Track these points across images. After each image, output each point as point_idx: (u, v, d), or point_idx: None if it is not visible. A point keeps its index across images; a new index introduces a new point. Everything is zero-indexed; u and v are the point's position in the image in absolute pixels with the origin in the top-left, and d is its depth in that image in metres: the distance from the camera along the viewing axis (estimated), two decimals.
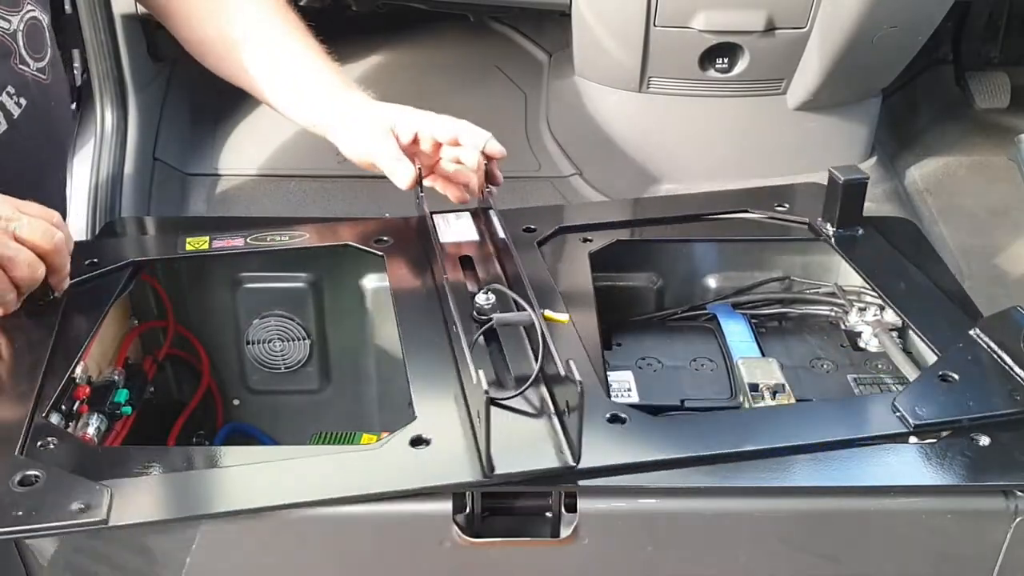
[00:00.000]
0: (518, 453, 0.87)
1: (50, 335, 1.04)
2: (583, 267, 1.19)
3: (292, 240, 1.21)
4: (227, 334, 1.30)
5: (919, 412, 0.93)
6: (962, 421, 0.93)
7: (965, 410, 0.94)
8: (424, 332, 1.05)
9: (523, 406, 0.93)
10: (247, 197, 1.90)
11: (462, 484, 0.86)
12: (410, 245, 1.20)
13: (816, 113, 1.87)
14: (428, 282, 1.14)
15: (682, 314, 1.28)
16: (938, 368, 1.00)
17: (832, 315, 1.24)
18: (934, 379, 0.98)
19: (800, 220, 1.27)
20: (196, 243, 1.20)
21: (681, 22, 1.69)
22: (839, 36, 1.67)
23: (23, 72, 1.17)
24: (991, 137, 2.10)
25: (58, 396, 0.98)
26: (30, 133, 1.20)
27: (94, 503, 0.83)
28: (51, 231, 1.03)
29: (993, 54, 2.16)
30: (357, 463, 0.90)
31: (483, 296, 1.07)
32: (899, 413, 0.94)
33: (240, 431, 1.35)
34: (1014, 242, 1.89)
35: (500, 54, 2.17)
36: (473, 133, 1.23)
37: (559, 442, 0.89)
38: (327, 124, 1.27)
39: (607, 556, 0.90)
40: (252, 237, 1.21)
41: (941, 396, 0.96)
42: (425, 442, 0.89)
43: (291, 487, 0.86)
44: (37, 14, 1.20)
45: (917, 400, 0.95)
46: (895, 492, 0.88)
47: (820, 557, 0.91)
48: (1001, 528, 0.89)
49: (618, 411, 0.93)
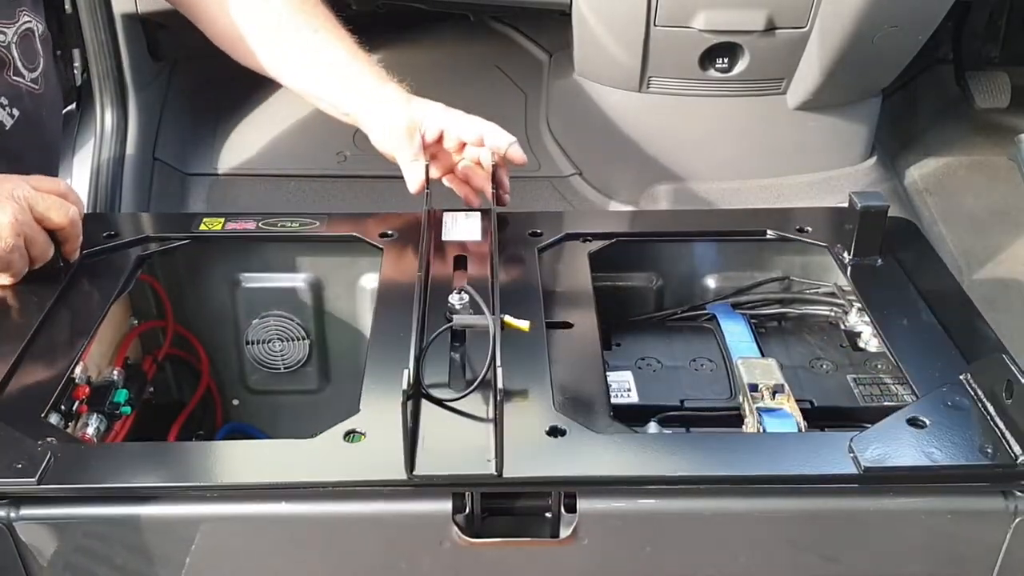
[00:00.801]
0: (446, 455, 0.88)
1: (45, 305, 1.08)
2: (583, 267, 1.19)
3: (303, 228, 1.23)
4: (226, 334, 1.30)
5: (873, 456, 0.88)
6: (918, 470, 0.88)
7: (923, 459, 0.88)
8: (393, 328, 1.05)
9: (469, 410, 0.93)
10: (247, 197, 1.90)
11: (385, 481, 0.86)
12: (412, 241, 1.21)
13: (816, 113, 1.86)
14: (414, 278, 1.13)
15: (682, 314, 1.28)
16: (911, 411, 0.94)
17: (832, 315, 1.24)
18: (902, 422, 0.92)
19: (820, 244, 1.23)
20: (211, 223, 1.24)
21: (681, 22, 1.69)
22: (839, 36, 1.67)
23: (17, 83, 1.18)
24: (991, 137, 2.10)
25: (57, 396, 0.98)
26: (22, 143, 1.21)
27: (33, 462, 0.85)
28: (65, 207, 1.09)
29: (993, 54, 2.15)
30: (291, 452, 0.91)
31: (456, 296, 1.08)
32: (852, 454, 0.88)
33: (239, 431, 1.35)
34: (1014, 242, 1.89)
35: (500, 54, 2.17)
36: (497, 136, 1.24)
37: (490, 449, 0.87)
38: (359, 116, 1.29)
39: (607, 556, 0.90)
40: (264, 222, 1.24)
41: (904, 441, 0.90)
42: (360, 435, 0.90)
43: (214, 469, 0.88)
44: (32, 24, 1.20)
45: (876, 443, 0.89)
46: (894, 492, 0.88)
47: (820, 557, 0.91)
48: (1000, 528, 0.89)
49: (559, 423, 0.92)
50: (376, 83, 1.29)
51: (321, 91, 1.32)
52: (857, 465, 0.88)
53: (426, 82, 2.10)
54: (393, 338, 1.04)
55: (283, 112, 1.94)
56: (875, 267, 1.19)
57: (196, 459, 0.92)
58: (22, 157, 1.23)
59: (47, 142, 1.32)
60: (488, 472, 0.86)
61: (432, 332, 1.01)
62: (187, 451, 0.97)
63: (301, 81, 1.33)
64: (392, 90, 1.29)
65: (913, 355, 1.04)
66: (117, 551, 0.89)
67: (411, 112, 1.26)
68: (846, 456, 0.89)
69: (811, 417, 1.04)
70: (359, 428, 0.91)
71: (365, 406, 0.94)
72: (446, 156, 1.28)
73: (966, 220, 1.95)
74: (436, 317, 1.06)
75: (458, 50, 2.20)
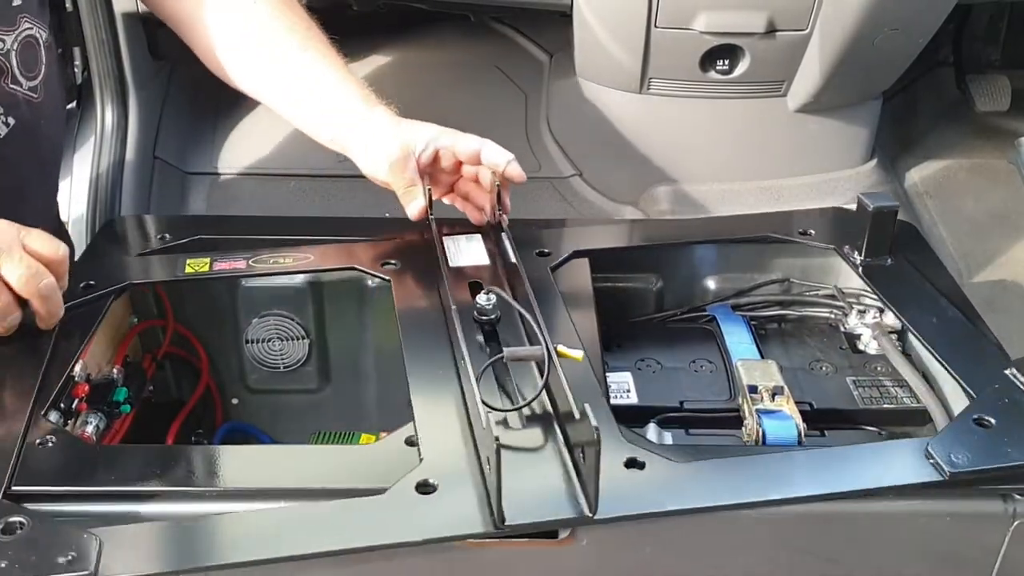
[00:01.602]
0: (530, 501, 0.84)
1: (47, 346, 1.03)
2: (583, 268, 1.19)
3: (296, 263, 1.18)
4: (226, 333, 1.30)
5: (955, 460, 0.89)
6: (1001, 470, 0.89)
7: (1003, 458, 0.89)
8: (431, 363, 1.01)
9: (532, 444, 0.90)
10: (247, 195, 1.90)
11: (472, 535, 0.83)
12: (418, 269, 1.17)
13: (817, 115, 1.87)
14: (435, 310, 1.10)
15: (681, 316, 1.28)
16: (973, 411, 0.95)
17: (832, 317, 1.24)
18: (969, 423, 0.94)
19: (826, 246, 1.23)
20: (196, 265, 1.17)
21: (682, 23, 1.69)
22: (840, 38, 1.67)
23: (14, 91, 1.15)
24: (992, 140, 2.10)
25: (57, 394, 0.98)
26: (17, 152, 1.17)
27: (82, 553, 0.79)
28: (40, 274, 1.01)
29: (994, 57, 2.16)
30: (364, 510, 0.86)
31: (484, 297, 1.05)
32: (933, 460, 0.89)
33: (239, 430, 1.35)
34: (1014, 245, 1.89)
35: (500, 54, 2.17)
36: (494, 153, 1.19)
37: (573, 490, 0.85)
38: (346, 144, 1.24)
39: (606, 557, 0.90)
40: (254, 259, 1.18)
41: (977, 442, 0.91)
42: (432, 488, 0.86)
43: (291, 538, 0.83)
44: (34, 31, 1.17)
45: (952, 447, 0.90)
46: (893, 494, 0.88)
47: (819, 559, 0.91)
48: (999, 531, 0.89)
49: (636, 455, 0.89)
50: (364, 108, 1.23)
51: (304, 119, 1.27)
52: (940, 471, 0.88)
53: (426, 82, 2.11)
54: (433, 375, 0.99)
55: None
56: (887, 266, 1.19)
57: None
58: (18, 166, 1.20)
59: (45, 152, 1.28)
60: (582, 515, 0.83)
61: (472, 364, 0.96)
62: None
63: (286, 110, 1.28)
64: (381, 114, 1.23)
65: (955, 352, 1.05)
66: None
67: (403, 136, 1.20)
68: (925, 463, 0.89)
69: (810, 419, 1.04)
70: (431, 479, 0.86)
71: (426, 455, 0.89)
72: (445, 176, 1.24)
73: (966, 223, 1.95)
74: (471, 348, 1.00)
75: (458, 50, 2.20)
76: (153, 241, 1.27)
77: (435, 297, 1.13)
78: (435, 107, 1.26)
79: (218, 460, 0.92)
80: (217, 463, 0.92)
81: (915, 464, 0.89)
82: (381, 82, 2.08)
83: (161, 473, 0.89)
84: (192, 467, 0.91)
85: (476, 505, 0.84)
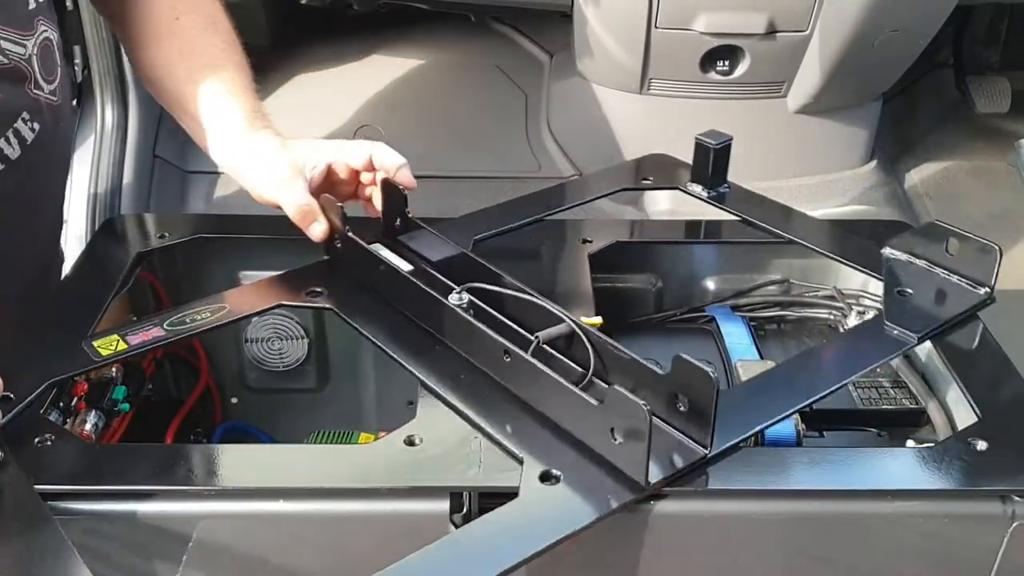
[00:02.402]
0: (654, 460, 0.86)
1: None
2: (582, 268, 1.19)
3: (214, 316, 1.08)
4: (226, 332, 1.30)
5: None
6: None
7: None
8: (446, 370, 1.00)
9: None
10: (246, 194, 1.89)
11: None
12: (352, 287, 1.12)
13: (817, 116, 1.87)
14: (403, 319, 1.07)
15: (681, 316, 1.28)
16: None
17: (831, 318, 1.24)
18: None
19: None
20: (108, 344, 1.03)
21: (682, 24, 1.69)
22: (840, 39, 1.67)
23: (37, 96, 1.12)
24: (991, 141, 2.10)
25: (56, 392, 0.98)
26: (42, 157, 1.15)
27: None
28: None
29: (994, 58, 2.16)
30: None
31: (456, 296, 1.04)
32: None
33: (238, 429, 1.35)
34: (1014, 246, 1.89)
35: (501, 54, 2.17)
36: (385, 156, 1.15)
37: (673, 440, 0.88)
38: (232, 168, 1.19)
39: (605, 557, 0.90)
40: (168, 323, 1.06)
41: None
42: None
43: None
44: (49, 33, 1.15)
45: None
46: (893, 496, 0.88)
47: (817, 560, 0.91)
48: (998, 532, 0.89)
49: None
50: (246, 132, 1.16)
51: (200, 141, 1.21)
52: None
53: (427, 82, 2.12)
54: (455, 385, 0.98)
55: (282, 110, 1.94)
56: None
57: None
58: (45, 171, 1.18)
59: (62, 155, 1.26)
60: (698, 458, 0.87)
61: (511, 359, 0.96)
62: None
63: (189, 131, 1.23)
64: (264, 138, 1.16)
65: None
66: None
67: (290, 157, 1.14)
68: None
69: (809, 420, 1.04)
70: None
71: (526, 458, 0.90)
72: (344, 186, 1.18)
73: (966, 224, 1.94)
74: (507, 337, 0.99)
75: (459, 50, 2.20)
76: (153, 240, 1.27)
77: (395, 311, 1.08)
78: (435, 107, 1.26)
79: (217, 459, 0.93)
80: (216, 462, 0.92)
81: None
82: (381, 82, 2.10)
83: (160, 472, 0.89)
84: (191, 466, 0.91)
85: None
